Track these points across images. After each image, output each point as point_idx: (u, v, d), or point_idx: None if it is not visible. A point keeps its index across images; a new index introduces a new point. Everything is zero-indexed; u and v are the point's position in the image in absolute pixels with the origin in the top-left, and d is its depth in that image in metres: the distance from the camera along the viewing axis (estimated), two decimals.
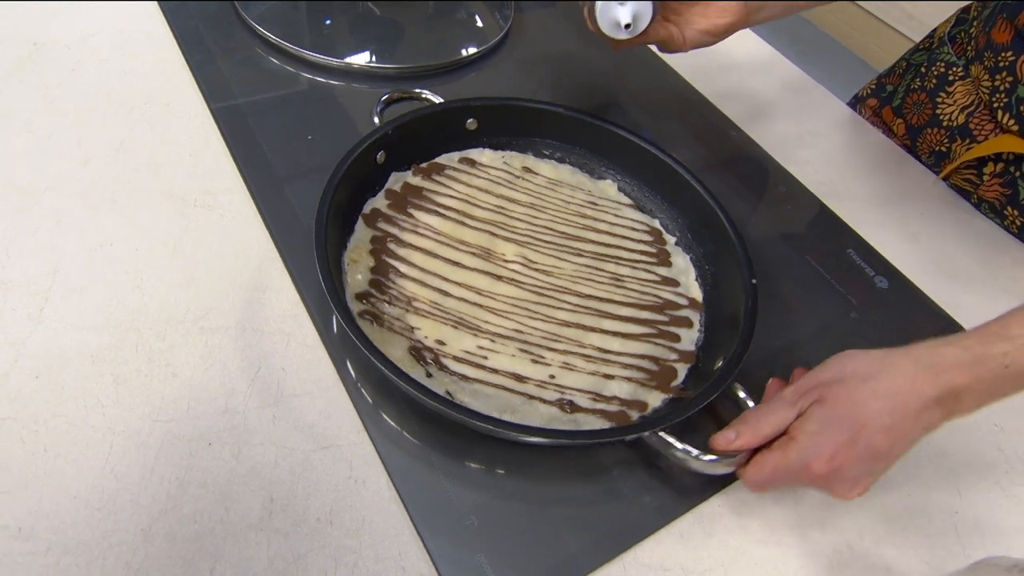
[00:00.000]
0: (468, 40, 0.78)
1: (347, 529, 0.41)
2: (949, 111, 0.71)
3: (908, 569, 0.45)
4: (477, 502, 0.43)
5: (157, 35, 0.69)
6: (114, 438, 0.42)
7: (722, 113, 0.75)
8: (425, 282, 0.51)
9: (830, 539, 0.46)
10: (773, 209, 0.67)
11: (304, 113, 0.65)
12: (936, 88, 0.72)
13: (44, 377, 0.44)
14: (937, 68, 0.72)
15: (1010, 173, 0.67)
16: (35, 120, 0.58)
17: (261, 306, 0.50)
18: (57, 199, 0.53)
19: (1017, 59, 0.63)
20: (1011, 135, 0.65)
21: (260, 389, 0.46)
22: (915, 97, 0.75)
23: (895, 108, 0.77)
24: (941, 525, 0.47)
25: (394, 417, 0.46)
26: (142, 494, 0.41)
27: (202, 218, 0.54)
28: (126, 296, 0.49)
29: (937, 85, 0.72)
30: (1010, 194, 0.68)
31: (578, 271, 0.55)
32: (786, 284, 0.60)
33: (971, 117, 0.69)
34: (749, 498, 0.46)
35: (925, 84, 0.73)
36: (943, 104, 0.72)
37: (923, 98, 0.73)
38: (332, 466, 0.43)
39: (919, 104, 0.74)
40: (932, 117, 0.73)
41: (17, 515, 0.39)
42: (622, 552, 0.42)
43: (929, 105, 0.73)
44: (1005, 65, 0.64)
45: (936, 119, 0.72)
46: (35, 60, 0.63)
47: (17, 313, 0.47)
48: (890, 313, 0.59)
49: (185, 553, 0.39)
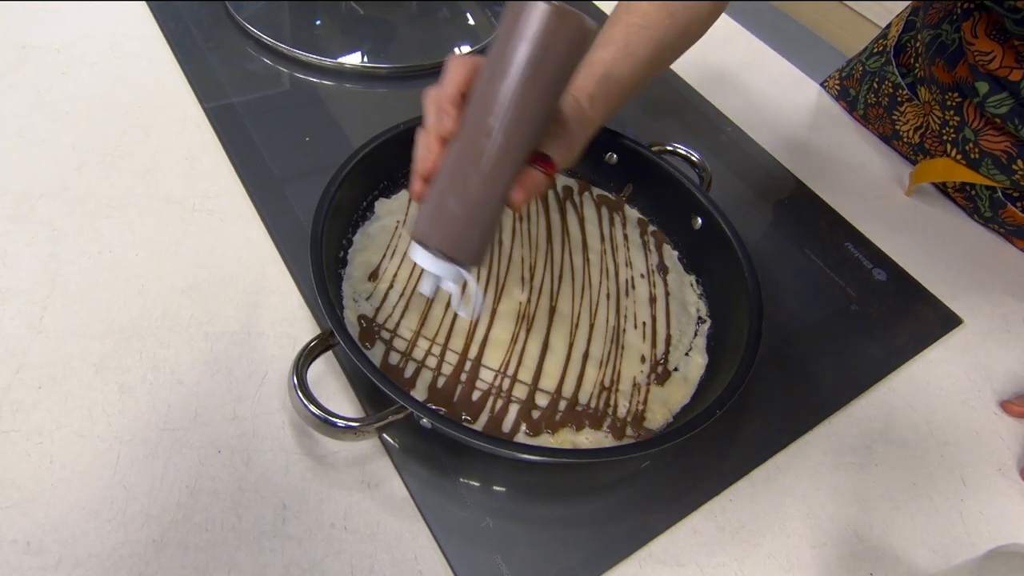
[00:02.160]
0: (461, 39, 0.77)
1: (362, 534, 0.41)
2: (905, 128, 0.72)
3: (916, 556, 0.46)
4: (492, 504, 0.43)
5: (148, 37, 0.68)
6: (121, 448, 0.42)
7: (716, 108, 0.75)
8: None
9: (840, 529, 0.46)
10: (770, 204, 0.67)
11: (298, 114, 0.64)
12: (889, 106, 0.73)
13: (47, 387, 0.43)
14: (886, 87, 0.73)
15: (967, 190, 0.68)
16: (27, 125, 0.57)
17: (265, 310, 0.49)
18: (53, 205, 0.52)
19: (964, 102, 0.62)
20: (954, 163, 0.65)
21: (268, 394, 0.45)
22: (875, 111, 0.75)
23: (861, 115, 0.78)
24: (947, 513, 0.48)
25: (405, 420, 0.45)
26: (152, 504, 0.40)
27: (201, 222, 0.54)
28: (128, 303, 0.48)
29: (890, 103, 0.73)
30: (972, 207, 0.69)
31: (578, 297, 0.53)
32: (785, 277, 0.60)
33: (924, 138, 0.70)
34: (759, 492, 0.47)
35: (880, 100, 0.74)
36: (899, 121, 0.73)
37: (881, 112, 0.74)
38: (344, 471, 0.43)
39: (880, 118, 0.75)
40: (894, 131, 0.74)
41: (25, 529, 0.38)
42: (637, 549, 0.43)
43: (888, 120, 0.74)
44: (952, 105, 0.64)
45: (897, 133, 0.73)
46: (24, 64, 0.62)
47: (16, 323, 0.46)
48: (890, 305, 0.60)
49: (198, 563, 0.38)
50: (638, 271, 0.56)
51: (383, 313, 0.49)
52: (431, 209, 0.38)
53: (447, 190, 0.38)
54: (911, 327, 0.59)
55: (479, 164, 0.37)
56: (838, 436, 0.51)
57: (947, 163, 0.66)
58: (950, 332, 0.59)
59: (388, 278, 0.51)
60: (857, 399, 0.53)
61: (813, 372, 0.54)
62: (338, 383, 0.47)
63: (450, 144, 0.38)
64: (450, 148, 0.38)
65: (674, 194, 0.59)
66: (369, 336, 0.48)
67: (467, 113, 0.38)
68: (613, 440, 0.46)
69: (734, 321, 0.52)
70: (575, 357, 0.50)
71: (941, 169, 0.67)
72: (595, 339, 0.51)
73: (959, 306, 0.61)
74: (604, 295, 0.54)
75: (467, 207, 0.38)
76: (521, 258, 0.55)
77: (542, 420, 0.46)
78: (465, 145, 0.38)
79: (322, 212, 0.47)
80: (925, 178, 0.69)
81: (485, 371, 0.47)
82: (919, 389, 0.55)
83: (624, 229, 0.59)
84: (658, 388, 0.49)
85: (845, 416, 0.52)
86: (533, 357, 0.49)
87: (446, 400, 0.46)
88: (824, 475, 0.48)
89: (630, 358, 0.51)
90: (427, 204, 0.39)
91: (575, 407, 0.47)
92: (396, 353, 0.47)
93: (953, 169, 0.65)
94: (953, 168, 0.65)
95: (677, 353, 0.52)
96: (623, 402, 0.48)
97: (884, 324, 0.58)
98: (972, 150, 0.63)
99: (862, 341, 0.57)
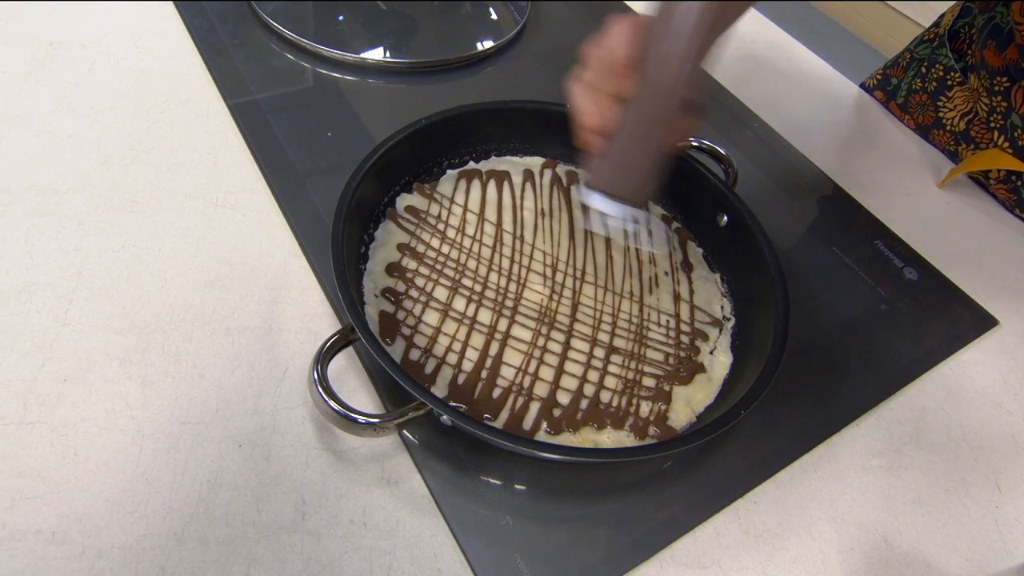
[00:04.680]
0: (484, 34, 0.77)
1: (381, 530, 0.41)
2: (951, 116, 0.70)
3: (948, 564, 0.44)
4: (512, 502, 0.42)
5: (172, 33, 0.68)
6: (144, 441, 0.42)
7: (742, 103, 0.74)
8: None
9: (868, 535, 0.45)
10: (798, 201, 0.66)
11: (320, 109, 0.64)
12: (936, 91, 0.71)
13: (72, 380, 0.44)
14: (936, 71, 0.71)
15: (1012, 181, 0.66)
16: (53, 120, 0.58)
17: (287, 305, 0.49)
18: (78, 200, 0.53)
19: (1012, 86, 0.61)
20: (1002, 152, 0.64)
21: (288, 390, 0.45)
22: (918, 98, 0.73)
23: (900, 104, 0.76)
24: (981, 520, 0.47)
25: (425, 417, 0.45)
26: (174, 497, 0.40)
27: (224, 217, 0.54)
28: (151, 297, 0.48)
29: (937, 88, 0.71)
30: (1015, 199, 0.67)
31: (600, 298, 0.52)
32: (813, 276, 0.59)
33: (971, 125, 0.68)
34: (784, 495, 0.46)
35: (926, 86, 0.72)
36: (944, 108, 0.71)
37: (925, 99, 0.72)
38: (364, 467, 0.43)
39: (922, 105, 0.73)
40: (936, 119, 0.72)
41: (50, 519, 0.38)
42: (659, 551, 0.42)
43: (932, 107, 0.72)
44: (1000, 90, 0.63)
45: (940, 122, 0.71)
46: (51, 60, 0.62)
47: (43, 316, 0.46)
48: (921, 305, 0.58)
49: (219, 556, 0.39)
50: (662, 268, 0.55)
51: (403, 309, 0.49)
52: (615, 161, 0.43)
53: (630, 145, 0.42)
54: (944, 328, 0.57)
55: (663, 121, 0.41)
56: (867, 439, 0.50)
57: (995, 153, 0.64)
58: (985, 333, 0.57)
59: (409, 274, 0.51)
60: (887, 401, 0.52)
61: (841, 373, 0.53)
62: (358, 379, 0.47)
63: (628, 103, 0.41)
64: (629, 106, 0.41)
65: (699, 190, 0.58)
66: (390, 332, 0.47)
67: (645, 74, 0.40)
68: (635, 440, 0.46)
69: (759, 320, 0.51)
70: (597, 355, 0.49)
71: (988, 158, 0.65)
72: (618, 337, 0.50)
73: (995, 306, 0.59)
74: (627, 292, 0.53)
75: (648, 158, 0.43)
76: (544, 254, 0.54)
77: (563, 418, 0.45)
78: (647, 105, 0.41)
79: (343, 209, 0.47)
80: (970, 167, 0.67)
81: (506, 368, 0.47)
82: (952, 392, 0.53)
83: (648, 225, 0.58)
84: (681, 387, 0.49)
85: (874, 418, 0.51)
86: (554, 355, 0.48)
87: (466, 397, 0.45)
88: (852, 478, 0.47)
89: (653, 357, 0.50)
90: (610, 157, 0.43)
91: (597, 406, 0.46)
92: (417, 349, 0.47)
93: (999, 158, 0.64)
94: (1000, 157, 0.64)
95: (701, 352, 0.51)
96: (646, 401, 0.47)
97: (915, 324, 0.57)
98: (1020, 136, 0.61)
99: (892, 341, 0.55)
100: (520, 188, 0.58)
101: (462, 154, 0.59)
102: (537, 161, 0.61)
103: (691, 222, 0.59)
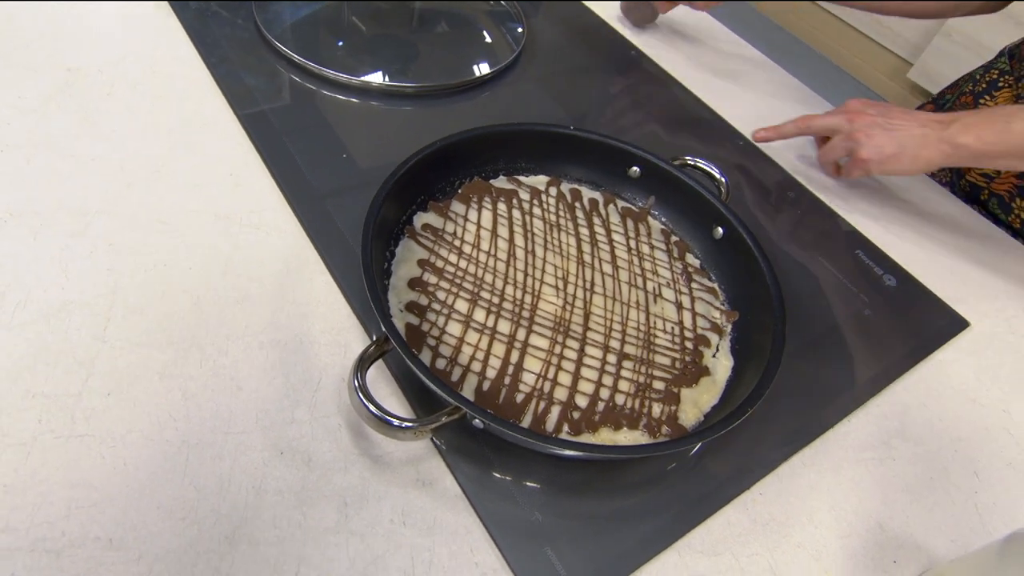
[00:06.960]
0: (480, 58, 0.81)
1: (420, 529, 0.43)
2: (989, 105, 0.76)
3: (936, 546, 0.49)
4: (540, 499, 0.45)
5: (185, 58, 0.70)
6: (189, 451, 0.44)
7: (728, 123, 0.79)
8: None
9: (864, 520, 0.49)
10: (785, 214, 0.70)
11: (332, 131, 0.67)
12: (984, 91, 0.77)
13: (115, 394, 0.46)
14: (990, 75, 0.77)
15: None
16: (77, 144, 0.60)
17: (316, 320, 0.52)
18: (107, 221, 0.55)
19: None
20: None
21: (324, 399, 0.48)
22: (963, 100, 0.79)
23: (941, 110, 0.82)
24: (963, 505, 0.51)
25: (458, 421, 0.48)
26: (222, 503, 0.42)
27: (250, 236, 0.56)
28: (185, 314, 0.50)
29: (985, 89, 0.77)
30: (1021, 184, 0.73)
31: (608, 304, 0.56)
32: (801, 284, 0.63)
33: None
34: (787, 486, 0.49)
35: (976, 88, 0.78)
36: (985, 104, 0.76)
37: (968, 100, 0.78)
38: (399, 469, 0.46)
39: (963, 106, 0.79)
40: None
41: (106, 527, 0.40)
42: (677, 539, 0.45)
43: (972, 107, 0.78)
44: None
45: None
46: (71, 85, 0.64)
47: (82, 333, 0.48)
48: (900, 310, 0.63)
49: (270, 557, 0.41)
50: (664, 279, 0.59)
51: (428, 321, 0.52)
52: None
53: None
54: (921, 330, 0.62)
55: None
56: (858, 433, 0.54)
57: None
58: (958, 335, 0.62)
59: (431, 288, 0.54)
60: (874, 398, 0.56)
61: (832, 373, 0.57)
62: (387, 387, 0.50)
63: None
64: None
65: (695, 205, 0.62)
66: (416, 343, 0.50)
67: None
68: (650, 438, 0.49)
69: (756, 325, 0.55)
70: (610, 361, 0.52)
71: None
72: (628, 344, 0.54)
73: (965, 309, 0.64)
74: (634, 302, 0.57)
75: None
76: (555, 268, 0.57)
77: (582, 420, 0.49)
78: None
79: (369, 226, 0.50)
80: None
81: (527, 375, 0.50)
82: (931, 389, 0.58)
83: (649, 239, 0.62)
84: (688, 389, 0.52)
85: (863, 414, 0.55)
86: (571, 361, 0.52)
87: (491, 402, 0.48)
88: (847, 470, 0.51)
89: (661, 361, 0.53)
90: None
91: (613, 408, 0.50)
92: (442, 359, 0.50)
93: None
94: None
95: (705, 356, 0.55)
96: (657, 403, 0.51)
97: (896, 327, 0.61)
98: None
99: (877, 344, 0.60)
100: (528, 205, 0.62)
101: (472, 174, 0.63)
102: (542, 180, 0.65)
103: (688, 234, 0.63)
